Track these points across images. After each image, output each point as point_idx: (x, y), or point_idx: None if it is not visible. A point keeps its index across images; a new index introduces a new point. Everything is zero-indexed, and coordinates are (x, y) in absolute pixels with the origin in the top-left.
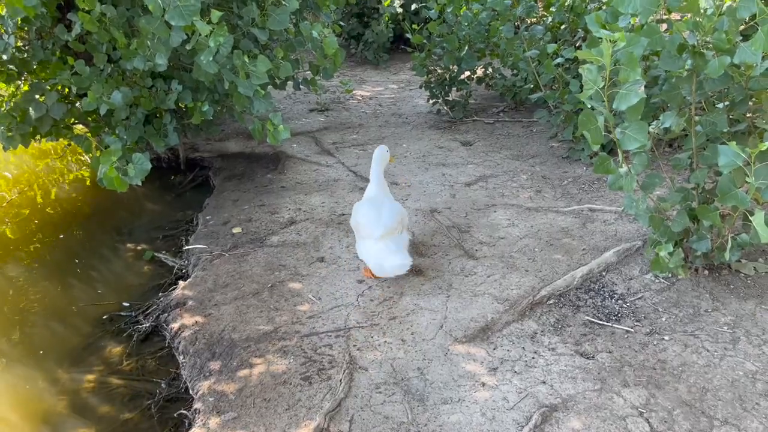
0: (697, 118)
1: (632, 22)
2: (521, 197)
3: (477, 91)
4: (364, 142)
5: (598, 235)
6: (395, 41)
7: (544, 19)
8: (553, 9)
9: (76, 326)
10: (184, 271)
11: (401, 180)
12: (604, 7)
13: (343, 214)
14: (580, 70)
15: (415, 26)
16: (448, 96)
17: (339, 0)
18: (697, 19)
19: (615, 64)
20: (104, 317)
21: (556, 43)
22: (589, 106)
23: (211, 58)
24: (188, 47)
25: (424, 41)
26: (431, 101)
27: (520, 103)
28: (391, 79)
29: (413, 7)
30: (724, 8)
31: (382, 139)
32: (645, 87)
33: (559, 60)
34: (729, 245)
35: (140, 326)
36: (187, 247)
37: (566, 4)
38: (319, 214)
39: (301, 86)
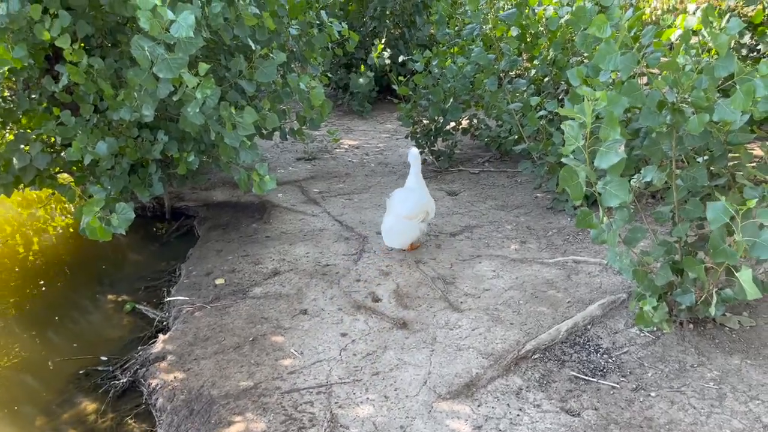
0: (677, 171)
1: (612, 77)
2: (506, 248)
3: (462, 141)
4: (350, 192)
5: (583, 287)
6: (382, 91)
7: (528, 71)
8: (536, 62)
9: (51, 381)
10: (164, 323)
11: None
12: (586, 61)
13: (328, 265)
14: (562, 126)
15: (401, 78)
16: (434, 146)
17: (325, 53)
18: (676, 76)
19: (596, 119)
20: (81, 372)
21: (539, 95)
22: (571, 162)
23: (197, 110)
24: (175, 98)
25: (410, 93)
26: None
27: (505, 153)
28: (378, 128)
29: (400, 58)
30: (703, 65)
31: (369, 188)
32: (627, 140)
33: (542, 112)
34: (714, 300)
35: (117, 382)
36: (168, 299)
37: (549, 58)
38: (303, 265)
39: (288, 136)
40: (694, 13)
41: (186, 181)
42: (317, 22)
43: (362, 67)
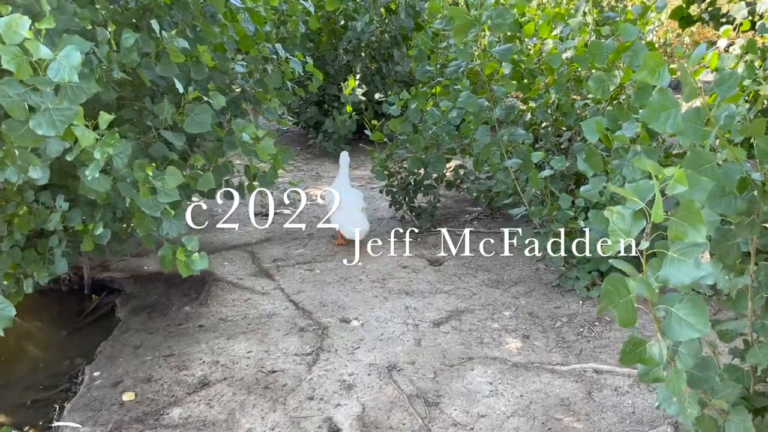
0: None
1: (638, 130)
2: (505, 346)
3: (447, 194)
4: (312, 259)
5: (610, 412)
6: (357, 132)
7: (522, 114)
8: (532, 104)
9: None
10: None
11: (353, 315)
12: (590, 103)
13: (273, 371)
14: (605, 213)
15: (375, 122)
16: (413, 202)
17: (284, 94)
18: (762, 143)
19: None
20: None
21: (536, 142)
22: (620, 266)
23: (96, 174)
24: (69, 158)
25: (386, 140)
26: (394, 207)
27: (496, 210)
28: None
29: (376, 96)
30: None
31: (335, 254)
32: None
33: (546, 172)
34: None
35: None
36: (56, 424)
37: (550, 101)
38: (241, 371)
39: (234, 194)
40: (727, 50)
41: (104, 252)
42: (273, 56)
43: (348, 107)
